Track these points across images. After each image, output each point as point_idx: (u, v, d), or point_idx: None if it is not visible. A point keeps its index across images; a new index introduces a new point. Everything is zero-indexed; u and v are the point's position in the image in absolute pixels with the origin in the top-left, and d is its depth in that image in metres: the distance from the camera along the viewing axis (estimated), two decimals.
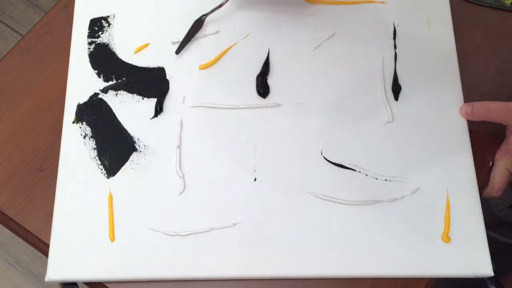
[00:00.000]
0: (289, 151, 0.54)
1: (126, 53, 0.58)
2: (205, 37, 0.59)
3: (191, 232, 0.50)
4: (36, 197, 0.53)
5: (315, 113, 0.56)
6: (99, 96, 0.56)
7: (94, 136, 0.54)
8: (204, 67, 0.57)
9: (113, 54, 0.58)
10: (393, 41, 0.59)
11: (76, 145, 0.54)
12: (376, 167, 0.53)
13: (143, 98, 0.56)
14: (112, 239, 0.50)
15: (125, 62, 0.58)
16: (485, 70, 0.60)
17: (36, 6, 1.40)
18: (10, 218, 0.52)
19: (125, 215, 0.51)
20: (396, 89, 0.57)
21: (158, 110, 0.55)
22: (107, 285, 0.49)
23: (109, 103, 0.56)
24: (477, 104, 0.55)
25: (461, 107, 0.56)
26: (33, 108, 0.57)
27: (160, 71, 0.57)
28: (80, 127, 0.54)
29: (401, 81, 0.57)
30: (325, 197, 0.52)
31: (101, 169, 0.53)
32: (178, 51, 0.58)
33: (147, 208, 0.51)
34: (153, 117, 0.55)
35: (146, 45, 0.59)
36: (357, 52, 0.59)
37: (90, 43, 0.58)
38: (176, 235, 0.50)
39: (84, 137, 0.54)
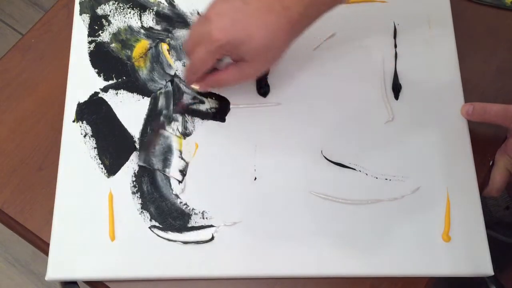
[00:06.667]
0: (289, 150, 0.54)
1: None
2: None
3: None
4: (36, 196, 0.53)
5: (315, 112, 0.56)
6: (99, 95, 0.56)
7: (94, 135, 0.54)
8: None
9: (113, 53, 0.58)
10: (393, 40, 0.59)
11: (76, 144, 0.54)
12: (376, 166, 0.53)
13: (143, 97, 0.56)
14: (112, 238, 0.50)
15: (125, 61, 0.58)
16: (485, 69, 0.60)
17: (36, 5, 1.40)
18: (10, 217, 0.52)
19: (125, 214, 0.51)
20: (397, 88, 0.57)
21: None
22: (107, 284, 0.49)
23: (109, 102, 0.56)
24: (477, 105, 0.54)
25: (462, 107, 0.56)
26: (33, 107, 0.57)
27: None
28: (80, 126, 0.54)
29: (401, 80, 0.57)
30: (325, 196, 0.52)
31: (101, 168, 0.53)
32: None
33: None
34: None
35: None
36: (357, 52, 0.59)
37: (90, 42, 0.58)
38: None
39: (85, 136, 0.54)
